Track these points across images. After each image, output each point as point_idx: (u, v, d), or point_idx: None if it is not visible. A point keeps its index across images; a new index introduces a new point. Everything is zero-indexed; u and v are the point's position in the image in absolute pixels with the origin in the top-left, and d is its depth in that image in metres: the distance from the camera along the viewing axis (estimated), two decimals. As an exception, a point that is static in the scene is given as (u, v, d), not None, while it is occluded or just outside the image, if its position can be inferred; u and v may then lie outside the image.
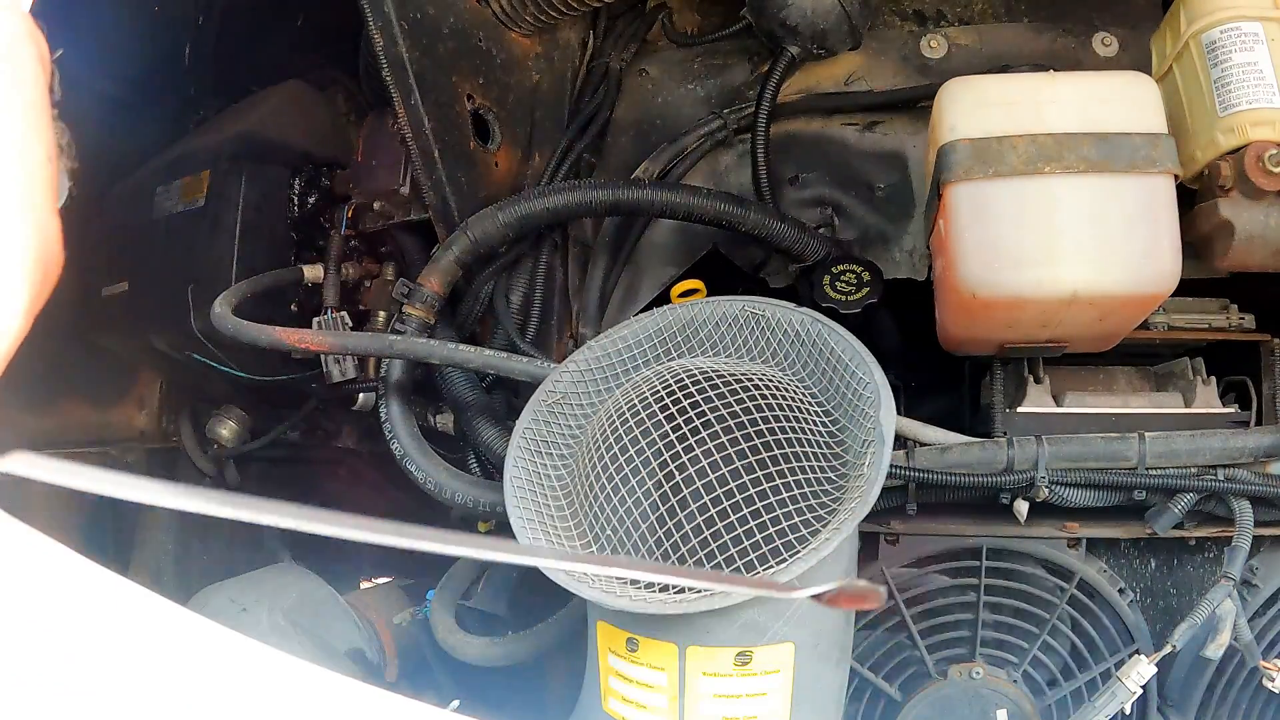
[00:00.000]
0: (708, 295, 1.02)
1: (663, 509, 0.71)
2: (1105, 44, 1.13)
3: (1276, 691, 0.86)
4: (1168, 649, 0.82)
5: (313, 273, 1.16)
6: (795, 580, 0.60)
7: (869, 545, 0.90)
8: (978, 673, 0.88)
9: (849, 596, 0.32)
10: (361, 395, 1.13)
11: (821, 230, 1.08)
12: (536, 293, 1.09)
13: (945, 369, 0.98)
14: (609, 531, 0.68)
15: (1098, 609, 0.90)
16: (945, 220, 0.82)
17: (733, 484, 0.66)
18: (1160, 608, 0.94)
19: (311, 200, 1.22)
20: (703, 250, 1.16)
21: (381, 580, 1.46)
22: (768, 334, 0.74)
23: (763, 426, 0.67)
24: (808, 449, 0.67)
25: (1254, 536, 0.84)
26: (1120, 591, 0.90)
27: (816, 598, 0.33)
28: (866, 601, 0.33)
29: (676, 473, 0.69)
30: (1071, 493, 0.85)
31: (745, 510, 0.66)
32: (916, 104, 1.13)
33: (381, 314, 1.17)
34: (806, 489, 0.65)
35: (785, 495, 0.65)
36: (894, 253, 1.11)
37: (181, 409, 1.37)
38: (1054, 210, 0.76)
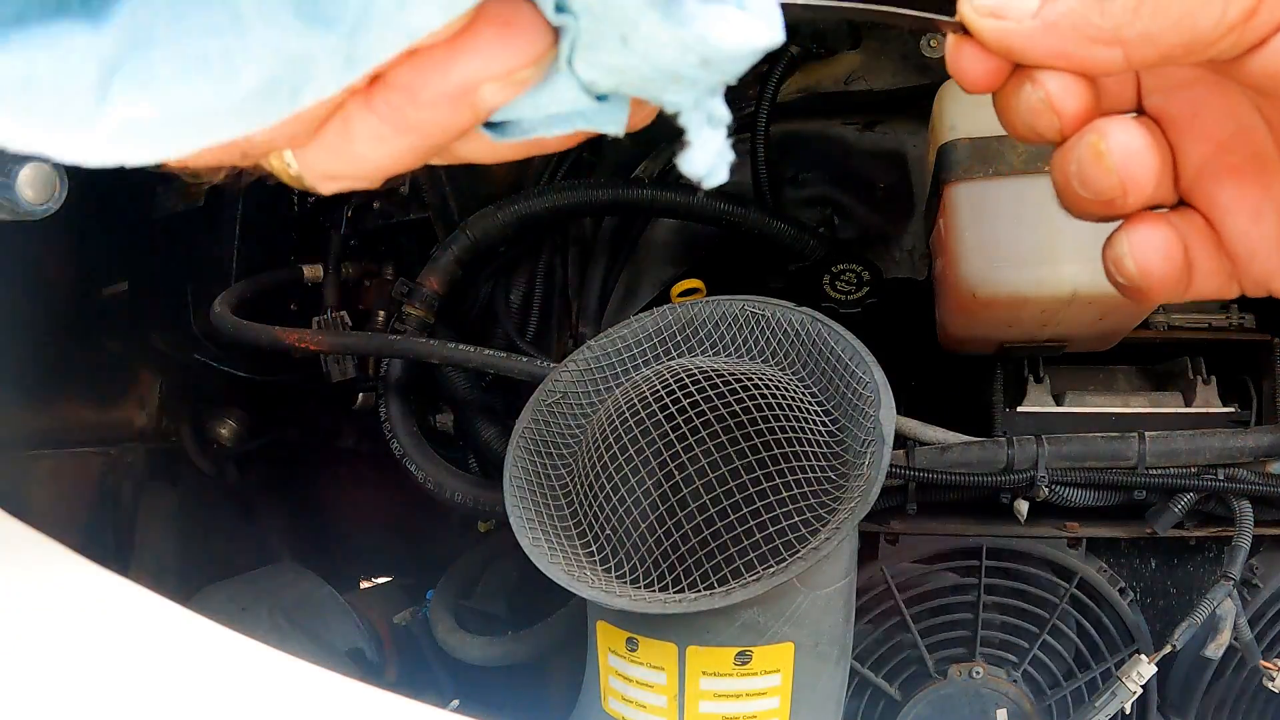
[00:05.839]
0: (708, 295, 1.02)
1: (662, 508, 0.71)
2: (1105, 43, 1.12)
3: (1276, 691, 0.86)
4: (1168, 649, 0.82)
5: (312, 272, 1.16)
6: (795, 580, 0.60)
7: (869, 545, 0.90)
8: (978, 672, 0.88)
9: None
10: (361, 395, 1.13)
11: (821, 230, 1.08)
12: (536, 292, 1.09)
13: (945, 369, 0.98)
14: (609, 531, 0.68)
15: (1098, 609, 0.90)
16: (945, 220, 0.82)
17: (733, 483, 0.66)
18: (1160, 608, 0.94)
19: (311, 200, 1.22)
20: (702, 250, 1.15)
21: (381, 580, 1.46)
22: (767, 333, 0.74)
23: (762, 426, 0.67)
24: (808, 449, 0.67)
25: (1254, 536, 0.84)
26: (1120, 591, 0.90)
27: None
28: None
29: (676, 472, 0.69)
30: (1072, 492, 0.85)
31: (745, 510, 0.66)
32: (916, 103, 1.13)
33: (381, 314, 1.16)
34: (806, 489, 0.65)
35: (785, 495, 0.65)
36: (894, 253, 1.11)
37: (181, 409, 1.37)
38: (1054, 209, 0.76)
